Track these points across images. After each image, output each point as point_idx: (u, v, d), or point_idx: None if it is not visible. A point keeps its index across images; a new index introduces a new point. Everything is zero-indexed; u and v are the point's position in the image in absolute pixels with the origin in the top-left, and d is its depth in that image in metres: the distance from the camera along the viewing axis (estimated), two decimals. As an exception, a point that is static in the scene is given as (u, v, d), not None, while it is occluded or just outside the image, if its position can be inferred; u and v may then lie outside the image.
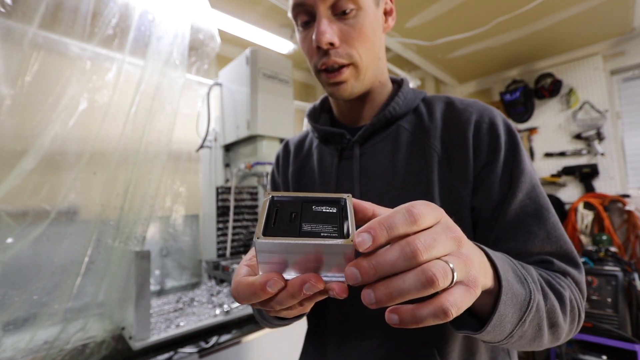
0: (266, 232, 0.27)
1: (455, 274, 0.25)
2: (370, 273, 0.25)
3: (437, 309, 0.25)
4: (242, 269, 0.33)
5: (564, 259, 0.47)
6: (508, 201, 0.49)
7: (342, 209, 0.30)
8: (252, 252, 0.37)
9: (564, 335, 0.43)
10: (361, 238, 0.25)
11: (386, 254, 0.25)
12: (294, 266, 0.28)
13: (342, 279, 0.28)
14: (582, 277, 0.47)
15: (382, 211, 0.31)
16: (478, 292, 0.27)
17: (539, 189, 0.50)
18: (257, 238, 0.26)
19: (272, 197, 0.31)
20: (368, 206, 0.32)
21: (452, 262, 0.25)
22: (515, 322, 0.36)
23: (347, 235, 0.27)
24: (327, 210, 0.30)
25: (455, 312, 0.25)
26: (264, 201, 0.30)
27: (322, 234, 0.27)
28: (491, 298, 0.34)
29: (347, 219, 0.29)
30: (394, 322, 0.26)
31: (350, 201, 0.31)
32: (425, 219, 0.26)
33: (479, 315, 0.37)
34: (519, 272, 0.38)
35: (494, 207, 0.49)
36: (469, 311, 0.38)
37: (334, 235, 0.27)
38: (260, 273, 0.29)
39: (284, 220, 0.29)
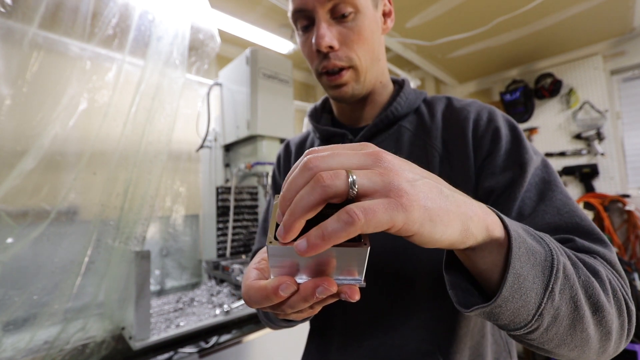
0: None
1: (353, 177, 0.23)
2: (285, 203, 0.25)
3: (341, 213, 0.22)
4: (251, 273, 0.33)
5: (586, 235, 0.40)
6: (515, 189, 0.46)
7: None
8: (260, 255, 0.37)
9: (614, 327, 0.33)
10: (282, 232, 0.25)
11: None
12: (305, 270, 0.28)
13: (354, 282, 0.28)
14: (614, 256, 0.38)
15: None
16: (408, 206, 0.23)
17: (546, 172, 0.47)
18: (269, 243, 0.26)
19: None
20: None
21: (357, 174, 0.24)
22: (541, 291, 0.29)
23: (360, 238, 0.27)
24: None
25: (362, 216, 0.22)
26: (274, 204, 0.30)
27: None
28: (501, 255, 0.29)
29: None
30: (302, 248, 0.23)
31: None
32: (321, 162, 0.25)
33: (491, 289, 0.32)
34: (531, 231, 0.32)
35: (500, 194, 0.47)
36: (480, 290, 0.33)
37: None
38: (272, 277, 0.29)
39: None
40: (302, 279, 0.28)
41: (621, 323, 0.35)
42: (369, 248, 0.26)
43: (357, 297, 0.27)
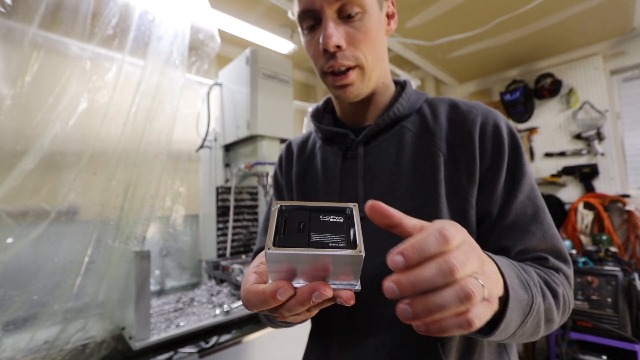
0: (276, 243, 0.28)
1: (485, 290, 0.28)
2: (408, 289, 0.26)
3: (463, 321, 0.27)
4: (250, 277, 0.34)
5: (557, 256, 0.51)
6: (509, 202, 0.51)
7: (349, 217, 0.32)
8: (259, 259, 0.38)
9: (555, 326, 0.47)
10: (394, 261, 0.26)
11: (424, 271, 0.26)
12: (302, 274, 0.29)
13: (349, 286, 0.30)
14: (571, 272, 0.52)
15: (408, 221, 0.31)
16: (496, 306, 0.31)
17: (537, 191, 0.53)
18: (268, 249, 0.27)
19: (281, 206, 0.32)
20: (395, 214, 0.31)
21: (480, 279, 0.28)
22: (518, 324, 0.39)
23: (355, 245, 0.28)
24: (334, 220, 0.31)
25: (478, 323, 0.27)
26: (272, 210, 0.32)
27: (330, 244, 0.28)
28: (500, 304, 0.37)
29: (353, 227, 0.30)
30: (421, 329, 0.27)
31: (357, 210, 0.32)
32: (455, 240, 0.27)
33: None
34: (522, 278, 0.41)
35: (498, 209, 0.51)
36: None
37: (341, 245, 0.28)
38: (270, 281, 0.30)
39: (293, 230, 0.30)
40: (299, 283, 0.29)
41: (561, 320, 0.48)
42: (363, 255, 0.27)
43: (352, 301, 0.28)
